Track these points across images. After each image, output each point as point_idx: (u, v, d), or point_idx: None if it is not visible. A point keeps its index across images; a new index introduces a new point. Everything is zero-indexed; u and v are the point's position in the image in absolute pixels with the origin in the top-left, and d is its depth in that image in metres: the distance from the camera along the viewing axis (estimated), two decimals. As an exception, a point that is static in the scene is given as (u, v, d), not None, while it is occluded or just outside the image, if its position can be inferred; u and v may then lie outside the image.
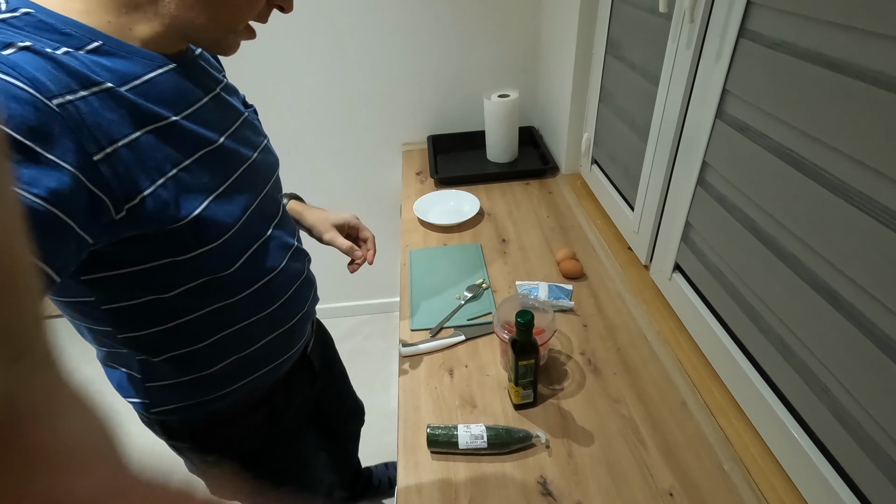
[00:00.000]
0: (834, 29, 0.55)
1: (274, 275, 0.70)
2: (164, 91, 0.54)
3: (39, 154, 0.41)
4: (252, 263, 0.66)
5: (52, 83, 0.43)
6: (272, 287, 0.70)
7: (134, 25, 0.52)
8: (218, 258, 0.61)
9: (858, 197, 0.54)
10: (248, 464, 0.81)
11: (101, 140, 0.47)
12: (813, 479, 0.66)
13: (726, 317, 0.84)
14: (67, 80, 0.45)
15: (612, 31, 1.19)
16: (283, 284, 0.72)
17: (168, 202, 0.53)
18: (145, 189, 0.51)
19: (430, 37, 1.62)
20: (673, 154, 0.94)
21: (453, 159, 1.67)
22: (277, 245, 0.71)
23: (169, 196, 0.53)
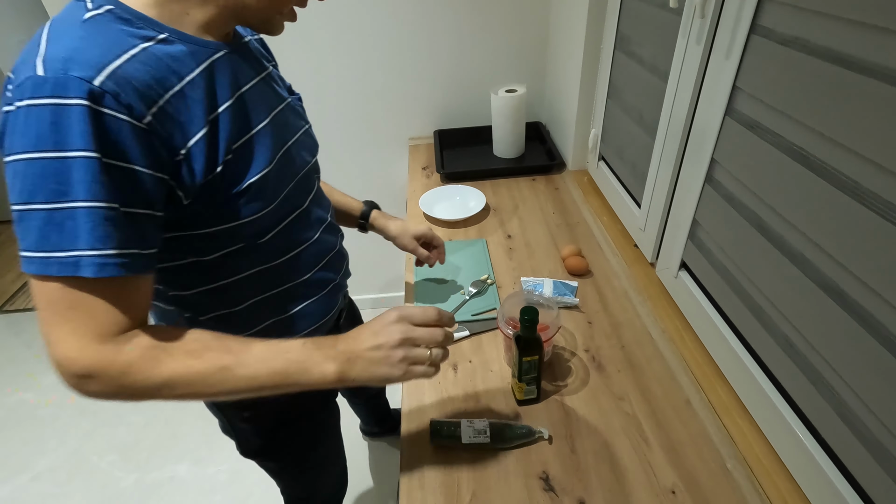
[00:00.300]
0: (847, 25, 0.54)
1: (308, 245, 0.75)
2: (222, 76, 0.60)
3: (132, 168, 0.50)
4: (288, 233, 0.71)
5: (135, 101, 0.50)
6: (306, 256, 0.75)
7: (190, 10, 0.57)
8: (258, 226, 0.65)
9: (869, 196, 0.54)
10: (280, 422, 0.86)
11: (179, 143, 0.54)
12: (817, 479, 0.66)
13: (732, 315, 0.84)
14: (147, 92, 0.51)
15: (621, 26, 1.18)
16: (316, 254, 0.78)
17: (226, 180, 0.59)
18: (209, 175, 0.57)
19: (438, 31, 1.61)
20: (681, 151, 0.93)
21: (460, 154, 1.66)
22: (312, 218, 0.77)
23: (227, 174, 0.59)
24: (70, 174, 0.47)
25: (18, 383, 2.14)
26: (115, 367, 0.53)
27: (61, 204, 0.47)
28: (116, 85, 0.48)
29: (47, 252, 0.48)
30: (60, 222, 0.48)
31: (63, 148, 0.46)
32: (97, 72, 0.48)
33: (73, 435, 1.91)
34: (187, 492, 1.68)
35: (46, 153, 0.46)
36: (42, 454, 1.85)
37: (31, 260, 0.49)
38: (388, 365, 0.59)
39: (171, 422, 1.92)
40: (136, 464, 1.78)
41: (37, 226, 0.48)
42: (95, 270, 0.49)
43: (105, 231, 0.49)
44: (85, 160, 0.47)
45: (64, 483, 1.75)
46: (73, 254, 0.48)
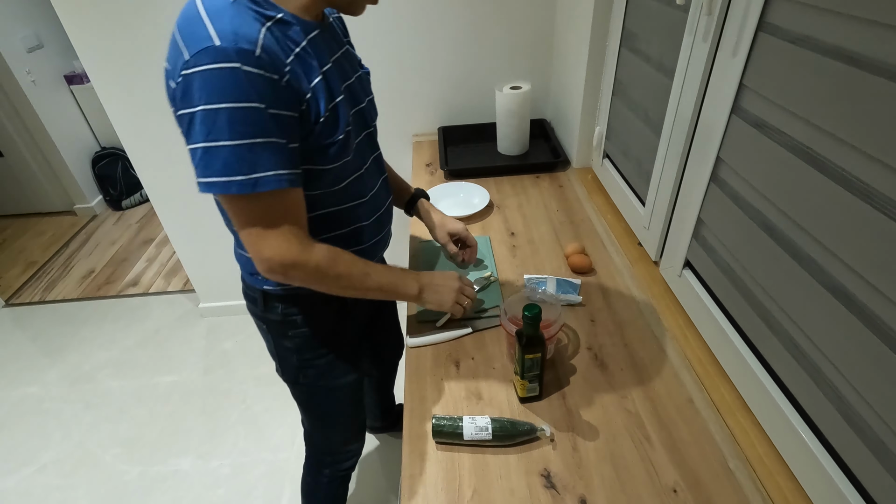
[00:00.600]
0: (856, 23, 0.54)
1: (373, 193, 0.91)
2: (318, 50, 0.73)
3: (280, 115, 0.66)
4: (359, 182, 0.86)
5: (277, 64, 0.65)
6: (372, 203, 0.91)
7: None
8: (335, 175, 0.80)
9: (877, 196, 0.53)
10: (315, 353, 0.98)
11: (303, 91, 0.69)
12: (819, 480, 0.66)
13: (736, 315, 0.83)
14: (281, 57, 0.66)
15: (627, 23, 1.17)
16: (378, 201, 0.93)
17: (322, 133, 0.73)
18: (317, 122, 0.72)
19: (443, 27, 1.60)
20: (686, 149, 0.93)
21: (464, 151, 1.66)
22: (374, 171, 0.92)
23: (330, 122, 0.74)
24: (247, 118, 0.63)
25: (23, 377, 2.16)
26: (311, 261, 0.74)
27: (245, 140, 0.63)
28: (266, 54, 0.63)
29: (232, 177, 0.64)
30: (242, 154, 0.64)
31: (240, 99, 0.62)
32: (255, 45, 0.62)
33: (77, 428, 1.92)
34: (191, 485, 1.70)
35: (229, 104, 0.61)
36: (47, 447, 1.86)
37: (215, 184, 0.65)
38: (447, 295, 0.91)
39: (175, 416, 1.94)
40: (140, 457, 1.80)
41: (223, 157, 0.63)
42: (275, 185, 0.66)
43: (280, 156, 0.66)
44: (256, 109, 0.63)
45: (69, 475, 1.76)
46: (253, 176, 0.65)
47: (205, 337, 2.28)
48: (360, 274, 0.81)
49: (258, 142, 0.64)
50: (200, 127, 0.62)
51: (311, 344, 0.96)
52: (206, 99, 0.61)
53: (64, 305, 2.55)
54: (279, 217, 0.70)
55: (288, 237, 0.71)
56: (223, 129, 0.62)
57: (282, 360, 1.01)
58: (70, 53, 3.05)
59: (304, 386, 1.05)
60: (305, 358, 0.98)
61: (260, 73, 0.62)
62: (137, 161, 1.87)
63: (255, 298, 0.93)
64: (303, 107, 0.69)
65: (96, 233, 3.12)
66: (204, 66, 0.60)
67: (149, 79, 1.67)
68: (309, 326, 0.93)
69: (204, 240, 2.08)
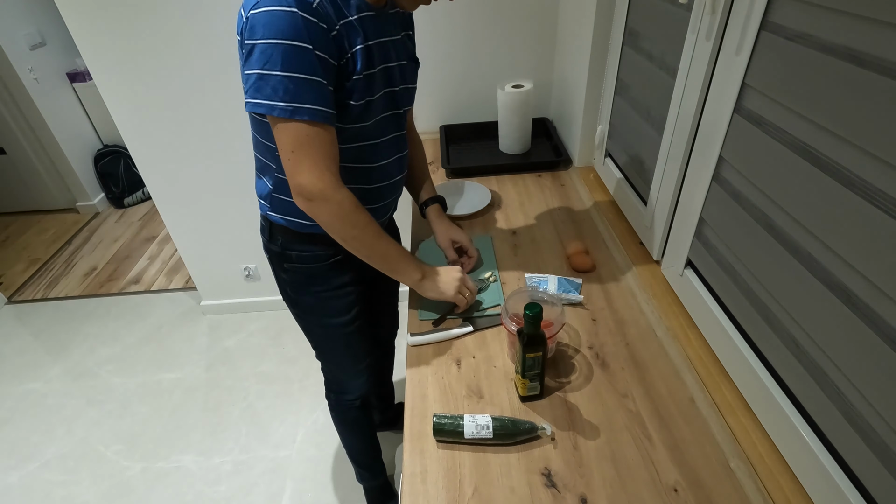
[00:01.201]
0: (859, 21, 0.53)
1: (385, 163, 0.98)
2: (369, 26, 0.84)
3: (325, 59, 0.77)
4: (373, 150, 0.95)
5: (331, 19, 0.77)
6: (381, 171, 0.98)
7: None
8: (353, 133, 0.89)
9: (878, 194, 0.53)
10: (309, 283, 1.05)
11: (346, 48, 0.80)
12: (820, 480, 0.66)
13: (738, 314, 0.83)
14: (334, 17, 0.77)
15: (630, 21, 1.17)
16: (386, 173, 1.00)
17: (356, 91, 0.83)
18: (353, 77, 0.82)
19: (445, 26, 1.60)
20: (689, 148, 0.92)
21: (465, 150, 1.66)
22: (391, 146, 0.99)
23: (359, 86, 0.83)
24: (298, 55, 0.74)
25: (26, 373, 2.17)
26: (336, 198, 0.83)
27: (293, 73, 0.74)
28: (323, 10, 0.75)
29: (276, 102, 0.75)
30: (288, 85, 0.74)
31: (295, 38, 0.73)
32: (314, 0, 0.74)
33: (80, 424, 1.93)
34: (193, 482, 1.70)
35: (284, 41, 0.72)
36: (50, 443, 1.87)
37: (261, 104, 0.76)
38: (448, 285, 0.97)
39: (177, 413, 1.94)
40: (143, 453, 1.81)
41: (272, 84, 0.74)
42: (311, 116, 0.77)
43: (319, 94, 0.77)
44: (306, 50, 0.74)
45: (71, 471, 1.77)
46: (293, 104, 0.75)
47: (207, 334, 2.29)
48: (373, 233, 0.90)
49: (304, 77, 0.75)
50: (259, 56, 0.74)
51: (302, 280, 1.05)
52: (267, 33, 0.72)
53: (66, 302, 2.56)
54: (315, 149, 0.80)
55: (322, 170, 0.81)
56: (276, 60, 0.73)
57: (280, 288, 1.11)
58: (72, 51, 3.06)
59: (298, 316, 1.15)
60: (297, 291, 1.07)
61: (314, 21, 0.73)
62: (139, 159, 1.87)
63: (264, 228, 1.03)
64: (342, 61, 0.80)
65: (98, 230, 3.13)
66: (269, 7, 0.72)
67: (151, 76, 1.67)
68: (303, 262, 1.02)
69: (206, 238, 2.08)
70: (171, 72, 1.67)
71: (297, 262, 1.02)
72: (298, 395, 1.97)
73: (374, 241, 0.90)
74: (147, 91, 1.70)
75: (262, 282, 2.25)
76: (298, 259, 1.02)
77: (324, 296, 1.07)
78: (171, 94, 1.71)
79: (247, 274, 2.22)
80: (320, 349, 1.22)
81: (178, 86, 1.70)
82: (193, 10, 1.56)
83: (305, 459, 1.74)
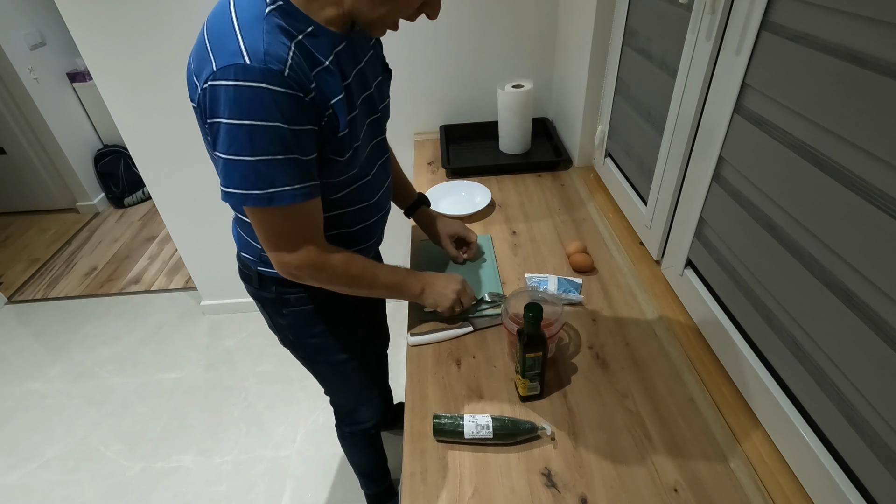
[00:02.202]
0: (859, 21, 0.53)
1: (377, 198, 0.94)
2: (344, 59, 0.75)
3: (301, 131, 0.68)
4: (365, 188, 0.90)
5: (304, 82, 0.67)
6: (375, 207, 0.94)
7: (323, 9, 0.70)
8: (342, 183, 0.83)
9: (879, 195, 0.53)
10: (309, 327, 1.01)
11: (325, 106, 0.71)
12: (820, 480, 0.66)
13: (738, 314, 0.83)
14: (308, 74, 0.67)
15: (630, 21, 1.17)
16: (381, 204, 0.96)
17: (345, 143, 0.76)
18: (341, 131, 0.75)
19: (445, 25, 1.60)
20: (689, 148, 0.92)
21: (466, 150, 1.66)
22: (381, 176, 0.95)
23: (347, 138, 0.76)
24: (268, 136, 0.64)
25: (26, 373, 2.17)
26: (327, 266, 0.80)
27: (265, 157, 0.66)
28: (294, 74, 0.65)
29: (249, 190, 0.68)
30: (260, 169, 0.67)
31: (265, 119, 0.63)
32: (285, 65, 0.64)
33: (80, 424, 1.93)
34: (193, 482, 1.70)
35: (251, 121, 0.63)
36: (50, 443, 1.87)
37: (233, 194, 0.69)
38: (445, 298, 0.95)
39: (177, 413, 1.94)
40: (143, 453, 1.81)
41: (241, 171, 0.67)
42: (290, 200, 0.69)
43: (297, 172, 0.69)
44: (278, 128, 0.65)
45: (71, 471, 1.77)
46: (269, 191, 0.68)
47: (207, 334, 2.29)
48: (370, 276, 0.88)
49: (277, 158, 0.66)
50: (223, 139, 0.65)
51: (304, 322, 1.00)
52: (230, 113, 0.63)
53: (66, 302, 2.56)
54: (297, 227, 0.75)
55: (308, 246, 0.77)
56: (244, 144, 0.65)
57: (280, 333, 1.06)
58: (73, 51, 3.06)
59: (304, 358, 1.10)
60: (300, 334, 1.03)
61: (285, 92, 0.64)
62: (139, 159, 1.87)
63: (250, 277, 0.98)
64: (323, 122, 0.72)
65: (99, 230, 3.13)
66: (230, 82, 0.62)
67: (151, 77, 1.67)
68: (302, 305, 0.98)
69: (206, 238, 2.08)
70: (171, 72, 1.67)
71: (296, 305, 0.97)
72: (298, 395, 1.97)
73: (372, 282, 0.88)
74: (147, 91, 1.70)
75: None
76: (297, 302, 0.96)
77: (329, 334, 1.03)
78: (171, 95, 1.71)
79: (247, 274, 2.22)
80: (331, 387, 1.18)
81: (178, 86, 1.70)
82: (194, 11, 1.56)
83: (305, 459, 1.74)
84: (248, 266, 0.96)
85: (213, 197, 1.98)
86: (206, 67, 0.64)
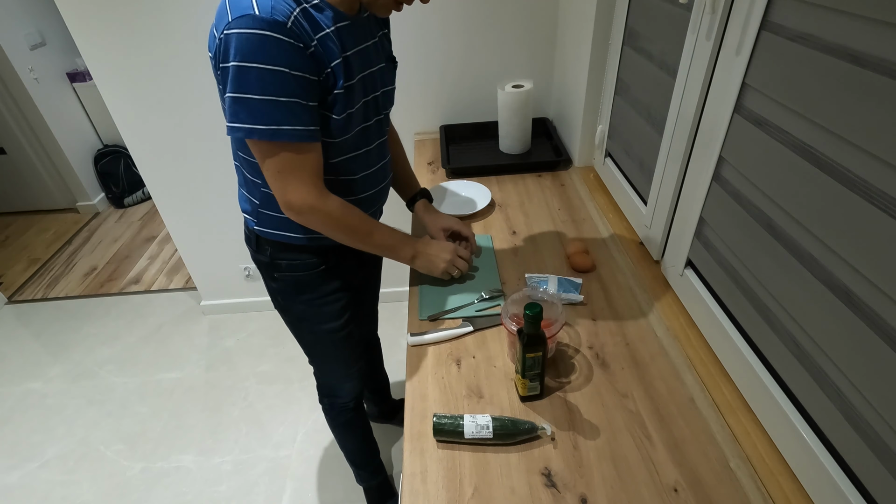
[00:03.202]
0: (859, 21, 0.53)
1: (373, 170, 0.99)
2: (346, 35, 0.82)
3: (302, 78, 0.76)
4: (360, 159, 0.95)
5: (305, 37, 0.75)
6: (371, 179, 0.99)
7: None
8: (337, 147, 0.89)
9: (879, 196, 0.53)
10: (296, 292, 1.06)
11: (325, 64, 0.79)
12: (821, 480, 0.66)
13: (738, 314, 0.83)
14: (310, 34, 0.76)
15: (630, 21, 1.17)
16: (376, 179, 1.01)
17: (338, 104, 0.82)
18: (336, 91, 0.82)
19: (445, 26, 1.60)
20: (689, 148, 0.92)
21: (465, 150, 1.66)
22: (377, 153, 1.00)
23: (341, 99, 0.82)
24: (273, 78, 0.73)
25: (26, 373, 2.17)
26: (324, 208, 0.86)
27: (270, 97, 0.74)
28: (296, 27, 0.73)
29: (255, 125, 0.75)
30: (265, 108, 0.74)
31: (268, 62, 0.72)
32: (287, 18, 0.72)
33: (80, 424, 1.93)
34: (193, 481, 1.70)
35: (258, 64, 0.72)
36: (50, 443, 1.87)
37: (239, 129, 0.76)
38: (437, 263, 1.02)
39: (177, 413, 1.94)
40: (143, 453, 1.81)
41: (249, 108, 0.74)
42: (290, 138, 0.77)
43: (298, 114, 0.77)
44: (281, 72, 0.73)
45: (71, 471, 1.77)
46: (272, 127, 0.76)
47: (207, 334, 2.29)
48: (366, 230, 0.94)
49: (280, 100, 0.74)
50: (233, 79, 0.73)
51: (291, 289, 1.06)
52: (240, 57, 0.72)
53: (66, 302, 2.56)
54: (299, 166, 0.81)
55: (308, 186, 0.83)
56: (252, 84, 0.73)
57: (271, 296, 1.13)
58: (73, 51, 3.06)
59: (289, 322, 1.16)
60: (288, 299, 1.09)
61: (288, 41, 0.72)
62: (139, 159, 1.87)
63: (251, 239, 1.05)
64: (322, 76, 0.79)
65: (99, 230, 3.13)
66: (241, 29, 0.71)
67: (151, 77, 1.67)
68: (292, 272, 1.03)
69: (206, 238, 2.08)
70: (171, 72, 1.67)
71: (286, 271, 1.03)
72: (298, 395, 1.97)
73: (366, 237, 0.94)
74: (147, 91, 1.70)
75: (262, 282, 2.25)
76: (288, 268, 1.03)
77: (314, 303, 1.08)
78: (171, 95, 1.71)
79: (247, 274, 2.22)
80: (312, 354, 1.23)
81: (178, 86, 1.70)
82: (194, 10, 1.56)
83: (305, 459, 1.74)
84: (250, 229, 1.02)
85: (214, 197, 1.98)
86: (224, 20, 0.73)
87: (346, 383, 1.28)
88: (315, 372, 1.30)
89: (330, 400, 1.34)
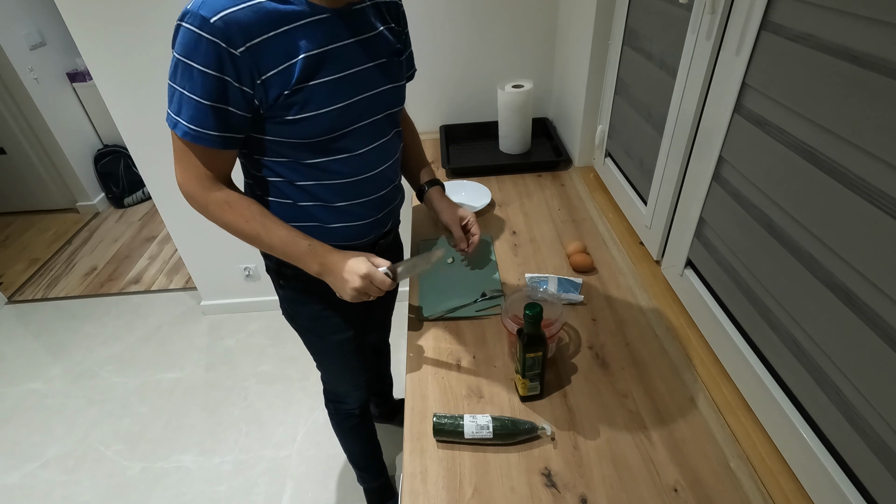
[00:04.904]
0: (859, 21, 0.53)
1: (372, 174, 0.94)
2: (312, 34, 0.78)
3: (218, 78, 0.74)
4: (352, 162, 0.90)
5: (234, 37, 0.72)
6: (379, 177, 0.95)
7: None
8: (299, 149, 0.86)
9: (879, 195, 0.53)
10: (305, 300, 1.05)
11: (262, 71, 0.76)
12: (820, 480, 0.66)
13: (738, 314, 0.83)
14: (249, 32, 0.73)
15: (630, 21, 1.17)
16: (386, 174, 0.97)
17: (287, 109, 0.79)
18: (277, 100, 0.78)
19: (445, 25, 1.60)
20: (689, 148, 0.92)
21: (466, 149, 1.66)
22: (382, 152, 0.94)
23: (288, 106, 0.79)
24: (186, 72, 0.74)
25: (26, 373, 2.17)
26: (201, 199, 0.85)
27: (181, 90, 0.75)
28: (224, 24, 0.71)
29: (168, 110, 0.78)
30: (177, 98, 0.76)
31: (186, 56, 0.73)
32: (214, 14, 0.70)
33: (80, 424, 1.93)
34: (193, 482, 1.70)
35: (179, 55, 0.73)
36: (50, 443, 1.87)
37: (167, 113, 0.79)
38: (346, 288, 0.87)
39: (177, 413, 1.94)
40: (143, 453, 1.81)
41: (169, 93, 0.77)
42: (183, 134, 0.77)
43: (192, 112, 0.76)
44: (192, 67, 0.73)
45: (71, 471, 1.77)
46: (177, 119, 0.77)
47: (207, 334, 2.29)
48: (251, 232, 0.86)
49: (185, 94, 0.75)
50: (170, 67, 0.76)
51: (297, 296, 1.06)
52: (174, 46, 0.75)
53: (67, 302, 2.56)
54: (188, 159, 0.82)
55: (190, 177, 0.83)
56: (173, 73, 0.76)
57: (280, 303, 1.12)
58: (73, 51, 3.06)
59: (297, 329, 1.15)
60: (294, 306, 1.08)
61: (208, 38, 0.71)
62: (139, 158, 1.87)
63: None
64: (258, 81, 0.76)
65: (99, 230, 3.13)
66: (179, 21, 0.73)
67: (151, 76, 1.67)
68: (297, 280, 1.01)
69: (206, 238, 2.08)
70: (171, 72, 1.67)
71: (291, 278, 1.02)
72: (298, 395, 1.97)
73: (254, 239, 0.87)
74: (147, 91, 1.70)
75: (262, 282, 2.25)
76: (293, 277, 1.00)
77: (322, 314, 1.06)
78: (171, 94, 1.71)
79: (247, 274, 2.22)
80: (320, 362, 1.22)
81: (178, 86, 1.70)
82: (193, 10, 1.56)
83: (305, 459, 1.74)
84: None
85: (213, 197, 1.97)
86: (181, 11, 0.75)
87: (353, 392, 1.27)
88: (322, 376, 1.29)
89: (336, 405, 1.33)
